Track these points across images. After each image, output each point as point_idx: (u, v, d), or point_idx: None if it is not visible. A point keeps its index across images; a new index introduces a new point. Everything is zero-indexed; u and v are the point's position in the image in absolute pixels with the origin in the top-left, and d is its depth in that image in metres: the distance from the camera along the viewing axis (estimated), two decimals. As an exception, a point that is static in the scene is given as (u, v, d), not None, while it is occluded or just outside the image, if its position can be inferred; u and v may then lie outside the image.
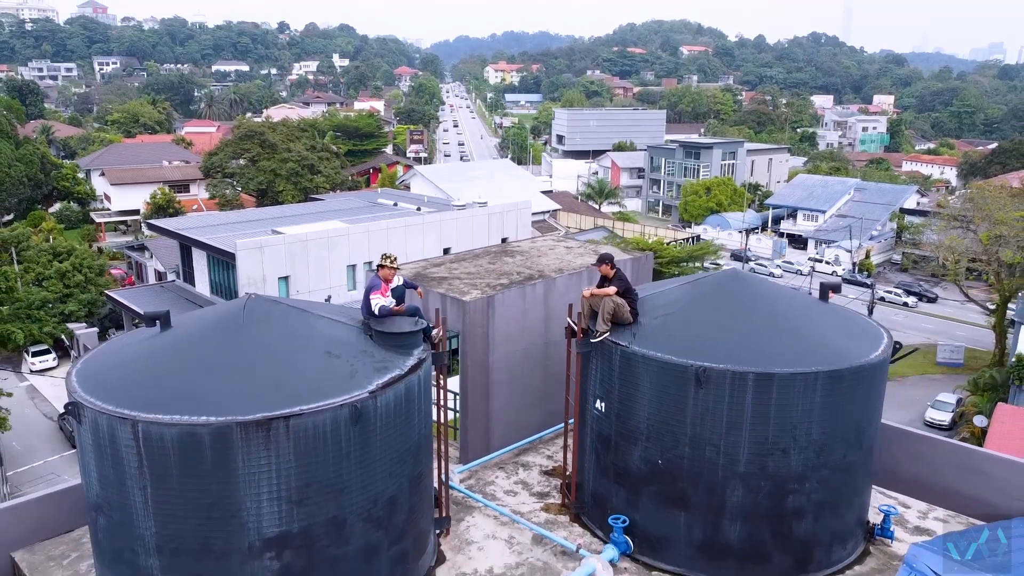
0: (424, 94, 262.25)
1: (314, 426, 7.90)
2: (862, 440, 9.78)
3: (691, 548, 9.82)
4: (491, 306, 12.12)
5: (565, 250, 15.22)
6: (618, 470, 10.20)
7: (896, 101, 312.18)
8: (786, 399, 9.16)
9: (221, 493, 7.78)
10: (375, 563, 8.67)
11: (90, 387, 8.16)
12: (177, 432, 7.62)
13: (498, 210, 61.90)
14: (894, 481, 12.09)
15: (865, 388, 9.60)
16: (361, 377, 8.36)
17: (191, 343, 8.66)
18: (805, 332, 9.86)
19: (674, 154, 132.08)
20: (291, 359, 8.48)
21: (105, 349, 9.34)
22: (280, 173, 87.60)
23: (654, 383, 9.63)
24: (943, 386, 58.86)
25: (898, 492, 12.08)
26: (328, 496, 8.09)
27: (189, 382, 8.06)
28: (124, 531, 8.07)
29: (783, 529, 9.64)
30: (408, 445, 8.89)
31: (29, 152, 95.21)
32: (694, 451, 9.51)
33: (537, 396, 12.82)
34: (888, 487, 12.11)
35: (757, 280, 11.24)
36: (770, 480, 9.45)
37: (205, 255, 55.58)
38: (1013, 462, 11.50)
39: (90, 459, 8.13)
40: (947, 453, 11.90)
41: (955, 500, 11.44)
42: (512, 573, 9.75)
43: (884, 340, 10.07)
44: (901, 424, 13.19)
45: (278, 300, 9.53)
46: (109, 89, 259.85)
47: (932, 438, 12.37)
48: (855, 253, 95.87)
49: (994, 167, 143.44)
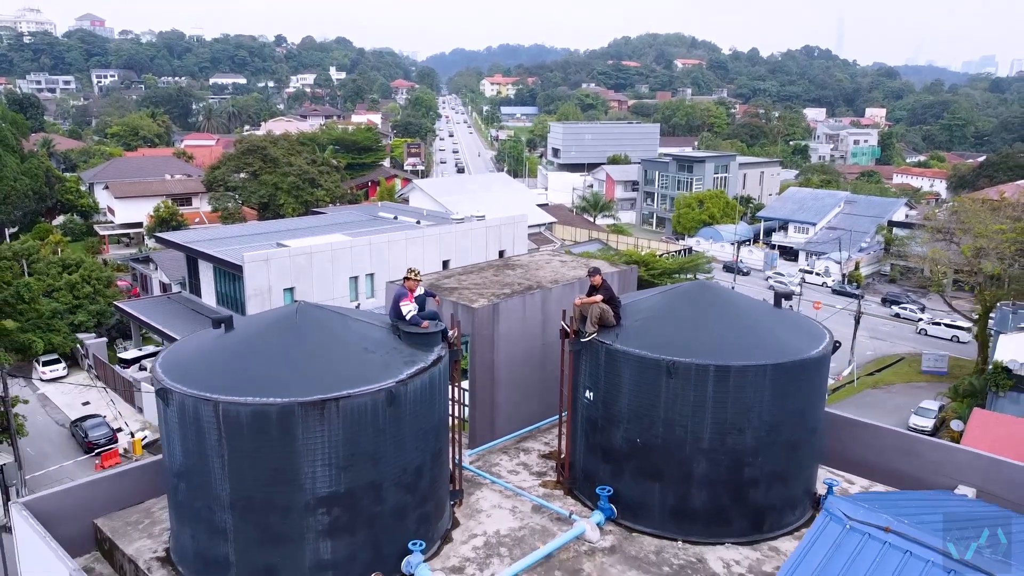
0: (421, 107, 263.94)
1: (358, 406, 9.78)
2: (806, 422, 11.67)
3: (665, 513, 11.69)
4: (496, 312, 14.01)
5: (560, 264, 17.17)
6: (604, 449, 12.09)
7: (888, 114, 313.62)
8: (741, 387, 11.05)
9: (284, 460, 9.65)
10: (404, 522, 10.54)
11: (174, 376, 10.03)
12: (250, 411, 9.50)
13: (495, 223, 63.33)
14: (843, 462, 13.99)
15: (808, 378, 11.49)
16: (394, 368, 10.26)
17: (254, 340, 10.55)
18: (758, 332, 11.75)
19: (667, 167, 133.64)
20: (336, 353, 10.36)
21: (179, 347, 11.20)
22: (281, 187, 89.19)
23: (633, 375, 11.52)
24: (927, 394, 60.38)
25: (846, 472, 13.96)
26: (368, 464, 9.97)
27: (256, 371, 9.92)
28: (203, 493, 9.92)
29: (741, 496, 11.51)
30: (431, 424, 10.79)
31: (34, 166, 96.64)
32: (666, 431, 11.40)
33: (535, 390, 14.70)
34: (838, 468, 14.01)
35: (721, 289, 13.20)
36: (729, 455, 11.32)
37: (212, 267, 56.81)
38: (942, 444, 13.42)
39: (175, 434, 9.99)
40: (888, 438, 13.81)
41: (893, 477, 13.30)
42: (516, 535, 11.62)
43: (826, 339, 11.99)
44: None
45: (322, 306, 11.45)
46: (107, 102, 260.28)
47: (875, 425, 14.29)
48: (845, 265, 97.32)
49: (982, 180, 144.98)
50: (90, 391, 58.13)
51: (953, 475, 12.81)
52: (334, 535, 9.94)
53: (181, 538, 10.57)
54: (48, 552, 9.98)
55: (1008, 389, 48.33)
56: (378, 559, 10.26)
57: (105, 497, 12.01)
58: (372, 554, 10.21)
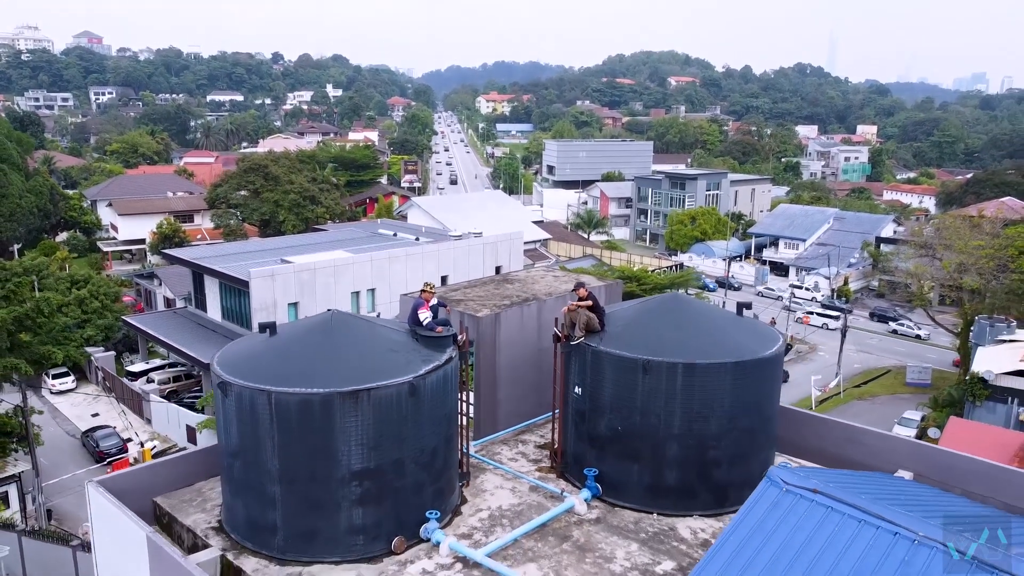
0: (417, 124, 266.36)
1: (385, 396, 11.72)
2: (762, 411, 13.64)
3: (642, 489, 13.61)
4: (498, 321, 16.00)
5: (553, 278, 19.23)
6: (590, 436, 14.04)
7: (879, 131, 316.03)
8: (705, 381, 13.01)
9: (324, 440, 11.59)
10: (422, 495, 12.49)
11: (231, 372, 11.99)
12: (297, 399, 11.44)
13: (492, 240, 65.16)
14: (797, 450, 15.98)
15: (763, 374, 13.46)
16: (414, 365, 12.23)
17: (296, 343, 12.52)
18: (721, 336, 13.74)
19: (660, 185, 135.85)
20: (366, 353, 12.33)
21: (232, 348, 13.16)
22: (282, 204, 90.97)
23: (615, 372, 13.49)
24: (911, 405, 62.28)
25: (801, 459, 15.94)
26: (393, 444, 11.91)
27: (300, 367, 11.86)
28: (255, 468, 11.86)
29: (706, 475, 13.46)
30: (444, 413, 12.76)
31: (39, 183, 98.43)
32: (643, 420, 13.36)
33: (532, 389, 16.67)
34: (793, 455, 15.99)
35: (690, 300, 15.27)
36: (696, 440, 13.28)
37: (217, 283, 58.23)
38: (883, 434, 15.44)
39: (232, 420, 11.93)
40: (835, 428, 15.82)
41: (841, 463, 15.21)
42: (515, 509, 13.58)
43: (779, 342, 14.01)
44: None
45: (351, 314, 13.47)
46: (106, 119, 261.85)
47: (825, 418, 16.31)
48: (833, 280, 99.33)
49: (969, 196, 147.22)
50: (99, 403, 59.87)
51: (893, 461, 14.80)
52: (365, 504, 11.89)
53: (234, 509, 12.50)
54: (125, 520, 11.87)
55: (984, 399, 50.23)
56: (400, 525, 12.23)
57: (162, 479, 13.94)
58: (395, 521, 12.17)
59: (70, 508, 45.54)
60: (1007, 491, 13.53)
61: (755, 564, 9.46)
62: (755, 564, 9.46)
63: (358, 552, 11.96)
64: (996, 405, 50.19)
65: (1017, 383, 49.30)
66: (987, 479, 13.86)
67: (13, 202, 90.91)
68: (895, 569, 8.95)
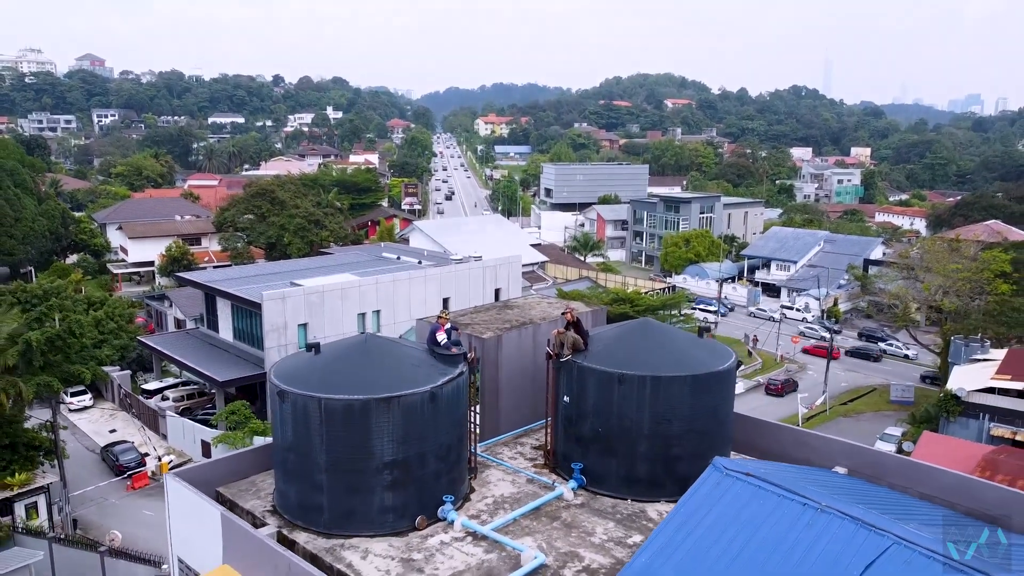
0: (417, 147, 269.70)
1: (411, 402, 14.57)
2: (717, 416, 16.49)
3: (618, 480, 16.44)
4: (500, 342, 18.90)
5: (547, 305, 22.20)
6: (576, 436, 16.89)
7: (873, 153, 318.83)
8: (669, 391, 15.89)
9: (362, 436, 14.43)
10: (439, 482, 15.35)
11: (287, 382, 14.86)
12: (341, 404, 14.31)
13: (492, 263, 67.51)
14: (755, 451, 18.80)
15: (717, 385, 16.32)
16: (433, 377, 15.12)
17: (337, 359, 15.42)
18: (682, 354, 16.60)
19: (655, 208, 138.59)
20: (394, 367, 15.21)
21: (284, 363, 16.03)
22: (288, 228, 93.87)
23: (596, 383, 16.36)
24: (894, 421, 64.87)
25: (753, 457, 18.85)
26: (417, 440, 14.74)
27: (342, 378, 14.72)
28: (306, 460, 14.72)
29: (670, 468, 16.28)
30: (457, 417, 15.65)
31: (51, 207, 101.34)
32: (619, 422, 16.22)
33: (528, 400, 19.52)
34: (751, 455, 18.79)
35: (659, 324, 18.23)
36: (662, 439, 16.13)
37: (230, 304, 60.53)
38: (822, 436, 18.35)
39: (287, 421, 14.81)
40: (784, 431, 18.71)
41: (789, 460, 18.01)
42: (514, 496, 16.43)
43: (732, 358, 16.94)
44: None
45: (381, 336, 16.43)
46: (108, 141, 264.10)
47: (776, 424, 19.22)
48: (823, 301, 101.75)
49: (958, 219, 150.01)
50: (115, 419, 62.54)
51: (831, 458, 17.68)
52: (394, 488, 14.75)
53: (287, 494, 15.35)
54: (202, 504, 14.72)
55: (958, 415, 52.95)
56: (422, 507, 15.09)
57: (222, 473, 16.78)
58: (418, 503, 15.04)
59: (93, 518, 48.15)
60: (923, 483, 16.40)
61: (699, 528, 12.41)
62: (699, 528, 12.41)
63: (388, 528, 14.85)
64: (969, 421, 52.77)
65: (988, 400, 52.01)
66: (906, 474, 16.74)
67: (27, 225, 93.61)
68: (801, 530, 11.89)
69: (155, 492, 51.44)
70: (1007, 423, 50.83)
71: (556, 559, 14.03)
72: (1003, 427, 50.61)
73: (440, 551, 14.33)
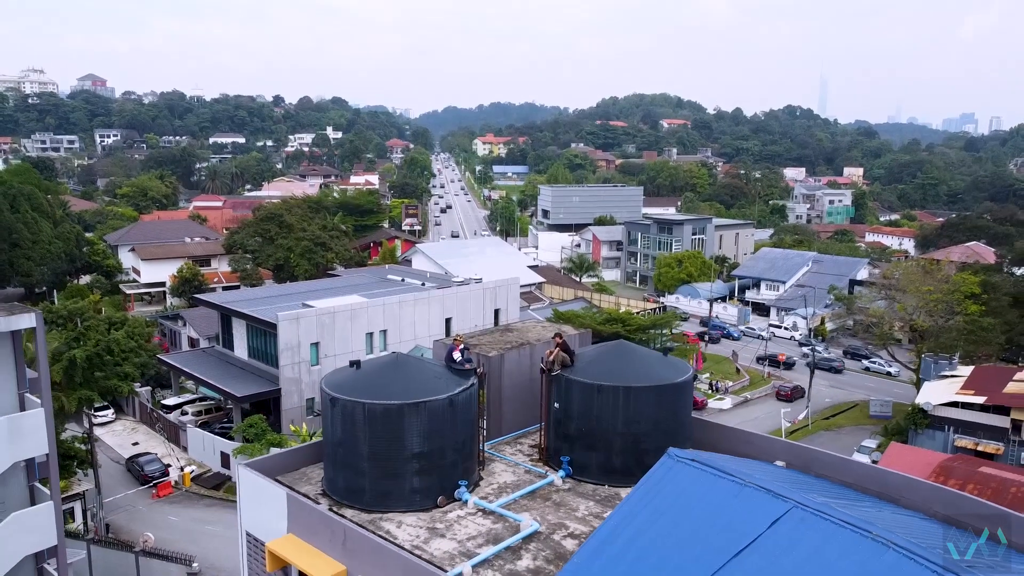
0: (416, 167, 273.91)
1: (434, 406, 18.50)
2: (677, 418, 20.48)
3: (598, 470, 20.38)
4: (503, 359, 22.96)
5: (541, 328, 26.33)
6: (565, 435, 20.88)
7: (865, 173, 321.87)
8: (638, 398, 19.86)
9: (396, 433, 18.33)
10: (456, 470, 19.27)
11: (337, 391, 18.81)
12: (381, 408, 18.27)
13: (491, 285, 71.22)
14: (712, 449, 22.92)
15: (677, 394, 20.37)
16: (451, 387, 19.11)
17: (374, 373, 19.41)
18: (649, 369, 20.60)
19: (649, 229, 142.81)
20: (420, 379, 19.21)
21: (331, 377, 19.98)
22: (295, 250, 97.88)
23: (580, 392, 20.36)
24: (869, 434, 68.84)
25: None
26: (439, 436, 18.64)
27: (380, 388, 18.69)
28: (351, 451, 18.65)
29: (639, 460, 20.12)
30: (469, 419, 19.63)
31: (66, 230, 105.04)
32: (599, 424, 20.18)
33: (526, 407, 23.54)
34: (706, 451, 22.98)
35: (631, 345, 22.32)
36: (632, 437, 20.11)
37: (245, 324, 64.03)
38: (766, 436, 22.42)
39: (337, 422, 18.77)
40: (734, 432, 22.77)
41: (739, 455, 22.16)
42: (515, 483, 20.38)
43: (690, 372, 21.02)
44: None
45: (407, 355, 20.56)
46: (111, 161, 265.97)
47: (727, 427, 23.28)
48: (810, 320, 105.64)
49: (943, 240, 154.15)
50: (137, 432, 66.39)
51: (772, 454, 21.69)
52: (421, 474, 18.69)
53: (335, 480, 19.31)
54: (270, 487, 18.70)
55: (924, 427, 57.05)
56: (443, 489, 19.02)
57: (280, 465, 20.76)
58: (439, 486, 18.98)
59: (123, 523, 51.95)
60: (842, 472, 20.38)
61: (653, 502, 16.47)
62: (653, 502, 16.47)
63: (416, 505, 18.79)
64: (936, 432, 56.89)
65: (952, 413, 56.09)
66: (834, 467, 20.71)
67: (44, 247, 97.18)
68: (729, 502, 15.91)
69: (179, 500, 55.35)
70: (970, 435, 54.87)
71: (547, 527, 18.04)
72: (966, 438, 54.65)
73: (457, 523, 18.33)
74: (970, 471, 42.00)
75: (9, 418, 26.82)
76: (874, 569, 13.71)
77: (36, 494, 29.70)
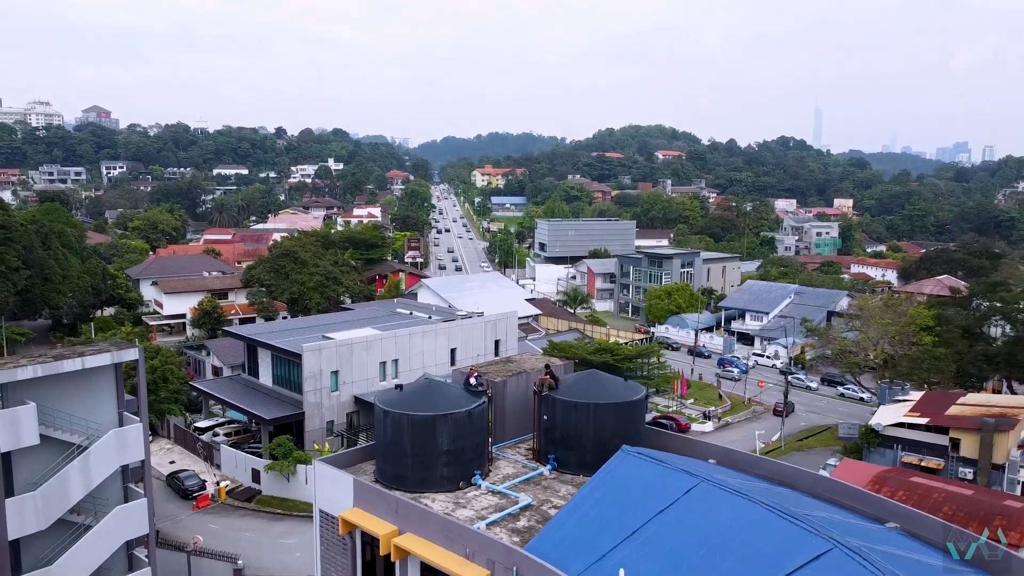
0: (416, 199, 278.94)
1: (457, 417, 25.70)
2: (633, 427, 27.81)
3: (576, 464, 27.54)
4: (506, 384, 30.44)
5: (535, 360, 33.93)
6: (552, 439, 28.11)
7: (856, 203, 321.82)
8: (605, 412, 27.19)
9: (431, 435, 25.53)
10: (472, 464, 26.50)
11: (387, 406, 26.11)
12: (420, 418, 25.47)
13: (492, 319, 77.72)
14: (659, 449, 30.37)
15: (633, 408, 27.75)
16: (469, 403, 26.40)
17: (413, 393, 26.75)
18: (612, 389, 27.94)
19: (640, 263, 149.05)
20: (446, 397, 26.55)
21: (383, 396, 27.29)
22: (308, 284, 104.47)
23: (562, 408, 27.71)
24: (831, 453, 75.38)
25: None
26: (460, 439, 25.91)
27: (418, 404, 26.02)
28: (397, 449, 25.85)
29: (605, 457, 27.34)
30: (482, 427, 26.89)
31: (93, 265, 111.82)
32: (576, 431, 27.56)
33: (522, 420, 30.95)
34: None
35: (600, 374, 29.75)
36: (599, 441, 27.34)
37: (270, 354, 70.20)
38: (704, 442, 29.85)
39: (388, 429, 26.05)
40: (677, 438, 30.26)
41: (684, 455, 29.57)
42: (515, 474, 27.74)
43: (642, 392, 28.51)
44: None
45: (434, 377, 28.06)
46: (118, 193, 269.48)
47: (675, 435, 30.74)
48: (791, 349, 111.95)
49: (922, 272, 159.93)
50: (172, 452, 73.06)
51: (708, 455, 29.08)
52: (448, 466, 25.88)
53: (385, 470, 26.57)
54: (340, 475, 26.09)
55: (876, 445, 64.03)
56: (463, 477, 26.31)
57: (343, 461, 28.18)
58: (461, 474, 26.30)
59: (169, 530, 58.45)
60: (756, 467, 27.78)
61: (608, 483, 23.90)
62: (608, 483, 23.90)
63: (444, 488, 26.00)
64: (886, 450, 63.80)
65: (901, 433, 63.11)
66: (749, 463, 28.11)
67: (72, 282, 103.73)
68: (659, 480, 23.33)
69: (216, 511, 62.02)
70: (915, 452, 61.84)
71: (537, 502, 25.39)
72: (911, 455, 61.64)
73: (474, 499, 25.70)
74: (902, 480, 49.05)
75: (117, 431, 34.13)
76: (749, 518, 21.09)
77: (129, 493, 36.87)
